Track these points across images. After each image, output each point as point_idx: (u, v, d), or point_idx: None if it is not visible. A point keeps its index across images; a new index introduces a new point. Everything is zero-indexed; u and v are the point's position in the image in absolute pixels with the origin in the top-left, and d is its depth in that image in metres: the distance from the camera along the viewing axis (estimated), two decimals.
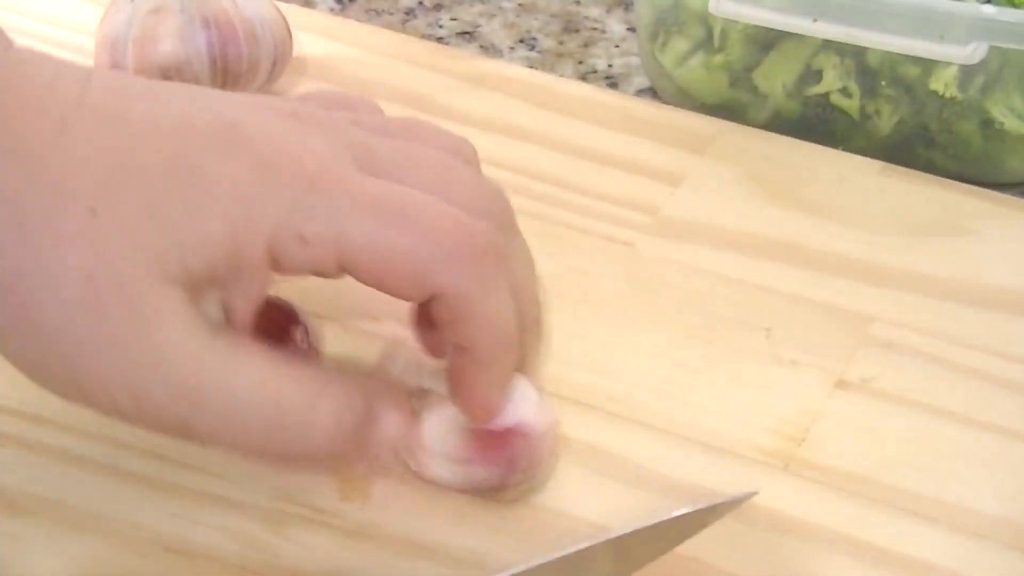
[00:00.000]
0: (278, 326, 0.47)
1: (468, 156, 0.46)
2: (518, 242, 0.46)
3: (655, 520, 0.43)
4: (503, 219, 0.45)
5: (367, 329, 0.52)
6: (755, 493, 0.45)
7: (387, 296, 0.43)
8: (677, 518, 0.44)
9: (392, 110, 0.48)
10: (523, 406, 0.46)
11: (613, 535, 0.43)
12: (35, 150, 0.41)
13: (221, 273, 0.41)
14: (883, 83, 0.60)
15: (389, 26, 0.70)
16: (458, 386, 0.45)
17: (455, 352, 0.44)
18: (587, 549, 0.42)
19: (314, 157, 0.42)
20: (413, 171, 0.44)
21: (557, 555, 0.41)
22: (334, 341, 0.49)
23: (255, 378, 0.42)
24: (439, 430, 0.47)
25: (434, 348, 0.47)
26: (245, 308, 0.43)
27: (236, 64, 0.59)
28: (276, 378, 0.42)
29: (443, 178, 0.44)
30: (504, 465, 0.46)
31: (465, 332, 0.43)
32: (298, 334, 0.48)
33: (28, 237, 0.40)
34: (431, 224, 0.42)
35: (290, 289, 0.47)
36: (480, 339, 0.44)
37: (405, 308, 0.45)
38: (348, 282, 0.43)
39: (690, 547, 0.45)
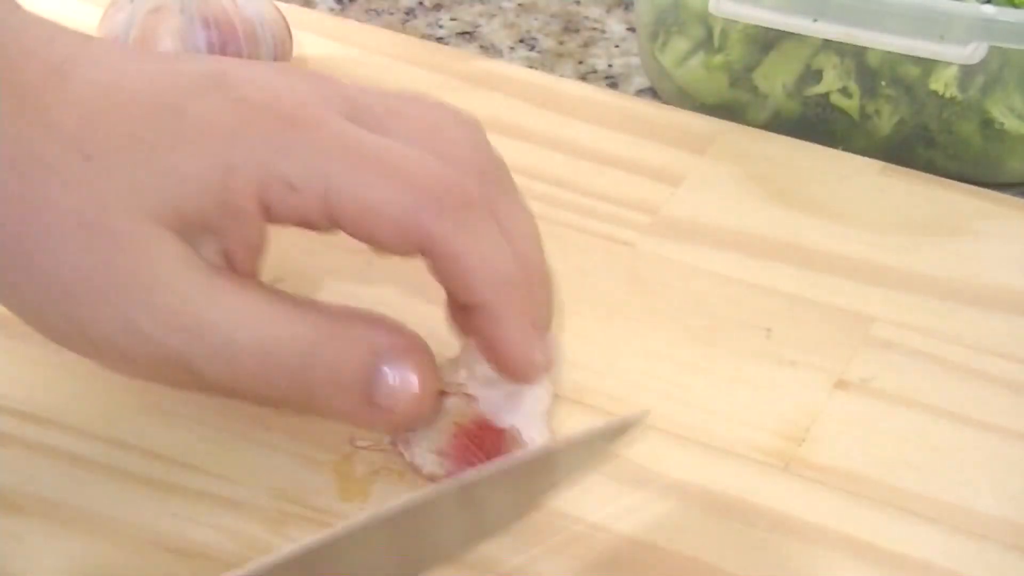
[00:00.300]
0: None
1: (465, 120, 0.46)
2: (513, 198, 0.45)
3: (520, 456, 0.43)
4: (495, 176, 0.45)
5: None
6: (645, 414, 0.43)
7: None
8: (547, 450, 0.43)
9: None
10: (524, 410, 0.46)
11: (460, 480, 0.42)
12: (35, 92, 0.42)
13: (214, 218, 0.42)
14: (883, 83, 0.60)
15: (389, 26, 0.70)
16: (487, 351, 0.44)
17: (469, 315, 0.44)
18: (439, 490, 0.41)
19: (294, 97, 0.42)
20: (398, 124, 0.44)
21: (405, 502, 0.40)
22: None
23: (254, 313, 0.42)
24: (432, 421, 0.47)
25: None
26: (246, 256, 0.43)
27: None
28: (277, 315, 0.42)
29: (429, 133, 0.44)
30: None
31: (464, 284, 0.43)
32: None
33: (25, 178, 0.41)
34: (413, 174, 0.42)
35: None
36: (481, 288, 0.43)
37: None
38: None
39: (690, 547, 0.45)
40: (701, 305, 0.54)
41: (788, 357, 0.52)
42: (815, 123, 0.62)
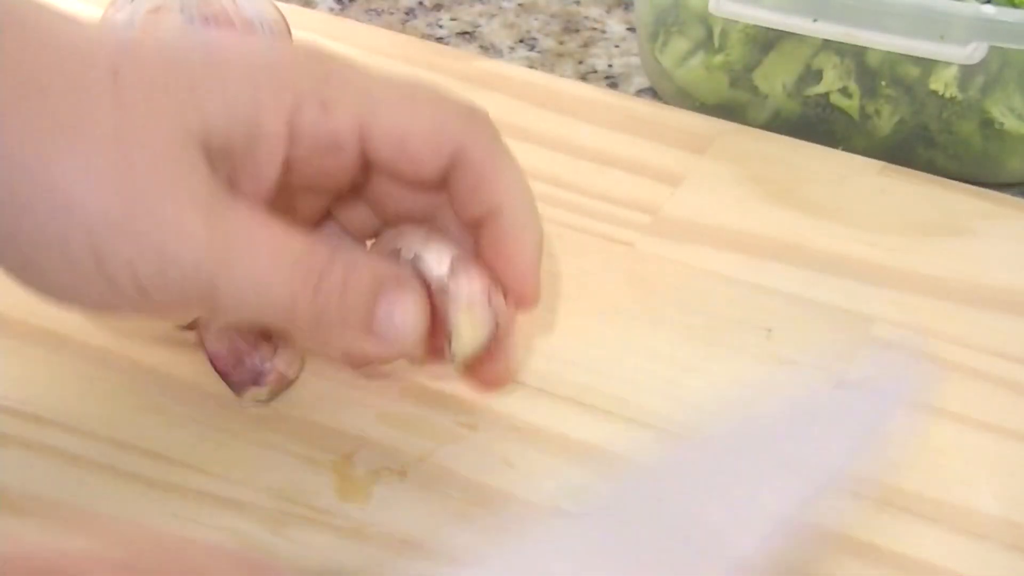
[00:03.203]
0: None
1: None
2: None
3: None
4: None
5: None
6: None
7: None
8: None
9: None
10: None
11: None
12: (63, 37, 0.41)
13: (239, 144, 0.42)
14: (883, 83, 0.60)
15: (389, 26, 0.70)
16: (498, 260, 0.45)
17: (483, 227, 0.45)
18: None
19: (329, 50, 0.44)
20: None
21: None
22: None
23: (277, 239, 0.41)
24: None
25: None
26: (257, 189, 0.43)
27: None
28: (295, 240, 0.42)
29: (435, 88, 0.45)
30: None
31: (494, 191, 0.44)
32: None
33: (50, 101, 0.40)
34: (445, 96, 0.44)
35: None
36: (511, 196, 0.44)
37: None
38: None
39: None
40: (701, 305, 0.54)
41: (788, 357, 0.52)
42: (815, 123, 0.62)
